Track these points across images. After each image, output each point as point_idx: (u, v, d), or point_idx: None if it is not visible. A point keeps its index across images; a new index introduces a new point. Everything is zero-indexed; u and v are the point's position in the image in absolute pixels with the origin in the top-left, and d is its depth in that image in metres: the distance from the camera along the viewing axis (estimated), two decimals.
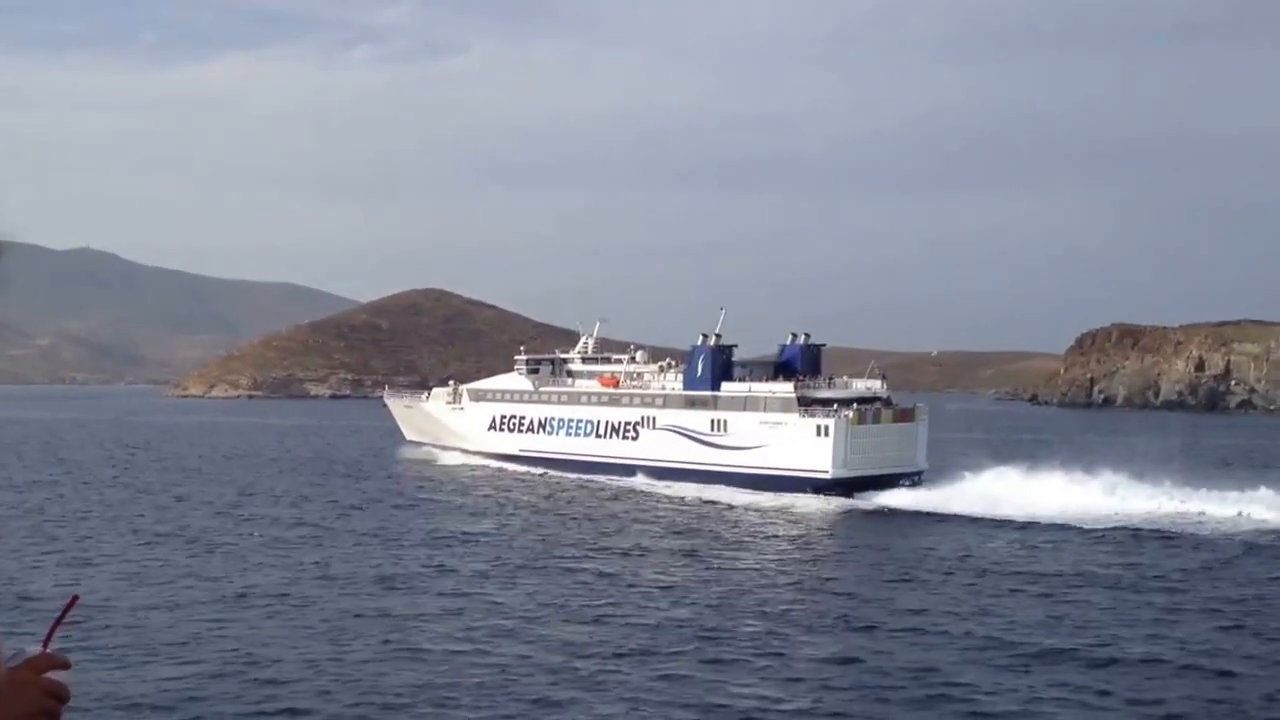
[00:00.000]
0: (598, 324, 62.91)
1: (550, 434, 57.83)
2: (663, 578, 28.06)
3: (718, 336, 53.03)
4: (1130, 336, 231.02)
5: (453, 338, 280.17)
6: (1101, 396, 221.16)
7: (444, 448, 63.98)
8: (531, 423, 58.96)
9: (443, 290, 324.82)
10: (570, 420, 56.88)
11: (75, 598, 2.20)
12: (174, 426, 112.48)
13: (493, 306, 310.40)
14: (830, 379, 52.05)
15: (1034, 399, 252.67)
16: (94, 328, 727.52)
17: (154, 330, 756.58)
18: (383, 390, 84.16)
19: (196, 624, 22.33)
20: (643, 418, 53.60)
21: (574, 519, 39.65)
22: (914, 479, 47.58)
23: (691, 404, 51.98)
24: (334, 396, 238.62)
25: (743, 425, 49.64)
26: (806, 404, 48.24)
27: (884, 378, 52.33)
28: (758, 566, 30.45)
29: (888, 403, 50.14)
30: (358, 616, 23.19)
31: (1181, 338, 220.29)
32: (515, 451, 59.30)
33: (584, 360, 60.40)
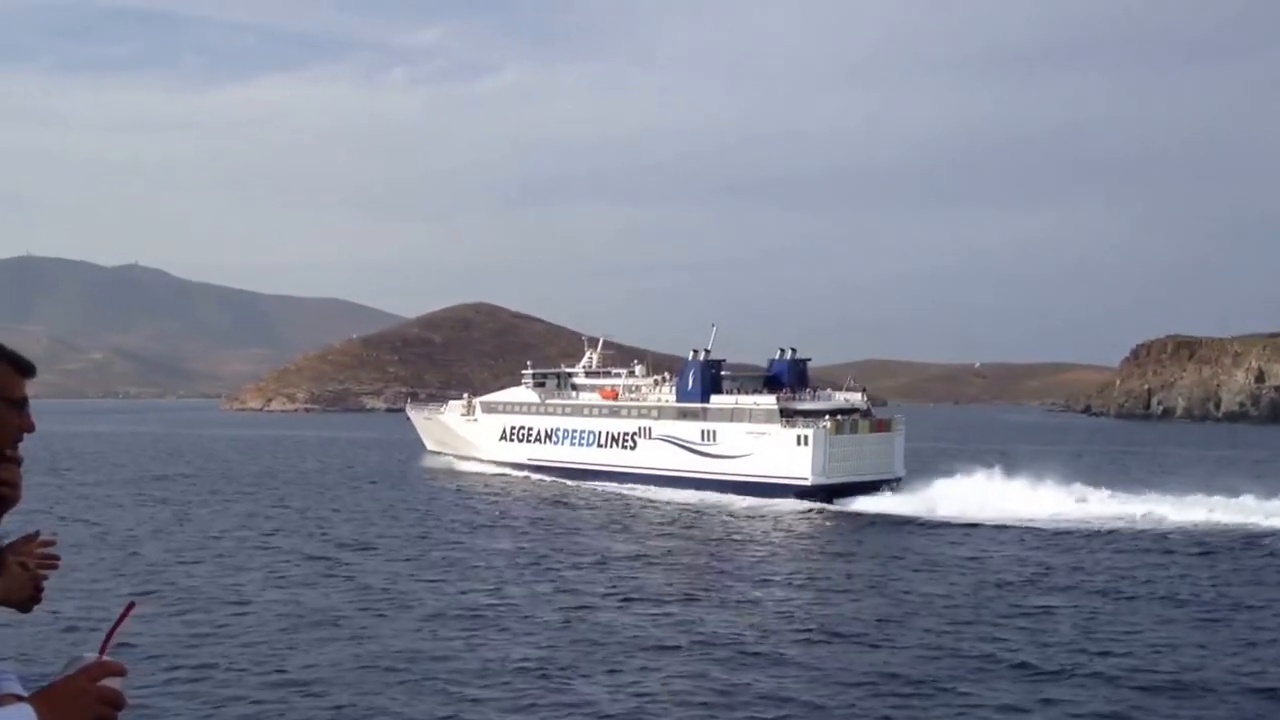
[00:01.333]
0: (601, 339, 68.22)
1: (556, 444, 62.84)
2: (853, 612, 26.01)
3: (707, 352, 57.66)
4: (1186, 348, 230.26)
5: (503, 351, 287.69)
6: (1160, 408, 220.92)
7: (460, 457, 69.26)
8: (538, 433, 64.04)
9: (493, 305, 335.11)
10: (573, 431, 61.87)
11: (132, 604, 2.17)
12: (248, 440, 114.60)
13: (541, 320, 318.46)
14: (814, 391, 56.26)
15: (1087, 410, 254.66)
16: (144, 342, 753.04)
17: (202, 345, 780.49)
18: (406, 403, 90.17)
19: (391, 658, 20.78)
20: (639, 428, 58.34)
21: (716, 540, 38.61)
22: (892, 485, 51.40)
23: (683, 415, 56.56)
24: (389, 410, 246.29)
25: (730, 435, 54.07)
26: (789, 415, 52.46)
27: (864, 390, 56.41)
28: (946, 593, 28.09)
29: (866, 414, 54.16)
30: (586, 650, 21.51)
31: (1240, 349, 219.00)
32: (524, 460, 64.38)
33: (587, 374, 65.37)
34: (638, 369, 63.34)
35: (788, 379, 56.64)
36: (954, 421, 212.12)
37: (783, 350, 58.52)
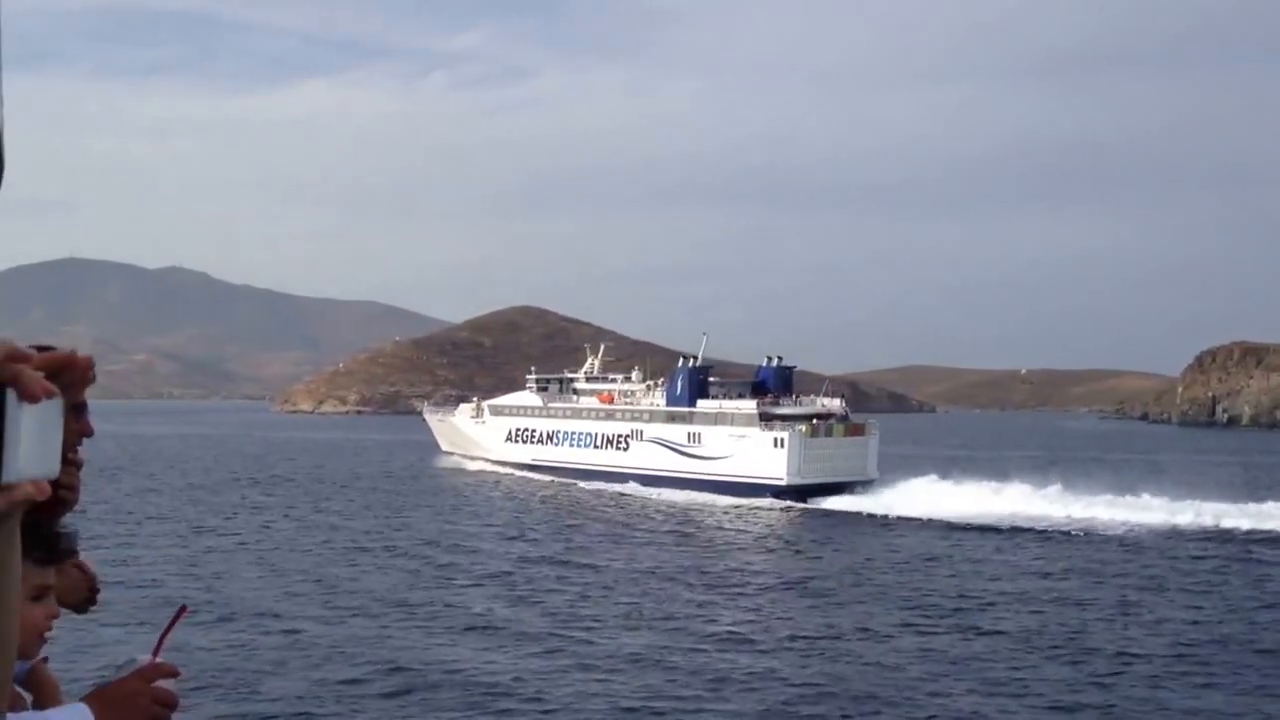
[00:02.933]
0: (602, 347, 74.34)
1: (557, 445, 68.81)
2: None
3: (694, 359, 63.32)
4: (1253, 355, 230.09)
5: (552, 355, 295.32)
6: (1225, 416, 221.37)
7: (471, 457, 75.62)
8: (541, 435, 70.09)
9: (541, 308, 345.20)
10: (573, 433, 67.84)
11: (184, 608, 2.31)
12: (322, 444, 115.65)
13: (588, 324, 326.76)
14: (797, 397, 61.51)
15: (1144, 417, 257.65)
16: (185, 344, 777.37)
17: (242, 346, 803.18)
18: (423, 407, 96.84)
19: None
20: (632, 430, 64.10)
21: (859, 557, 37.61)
22: (864, 487, 56.31)
23: (672, 418, 62.13)
24: None
25: (714, 437, 59.51)
26: (768, 419, 57.74)
27: (842, 397, 61.52)
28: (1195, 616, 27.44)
29: (842, 419, 59.21)
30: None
31: None
32: (529, 460, 70.41)
33: (588, 379, 71.39)
34: (634, 375, 69.19)
35: (773, 385, 61.92)
36: (1014, 427, 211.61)
37: (770, 358, 63.87)
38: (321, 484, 64.24)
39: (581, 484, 63.58)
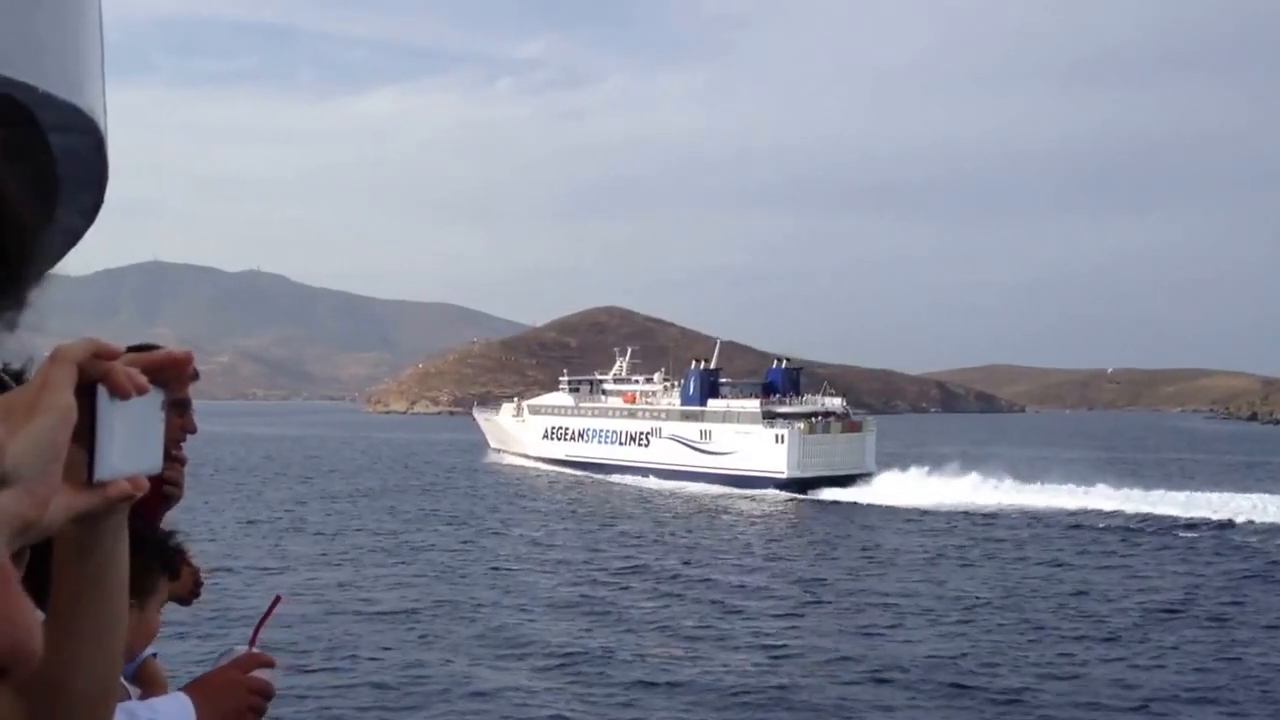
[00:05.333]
0: (629, 350, 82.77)
1: (586, 442, 77.37)
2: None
3: (705, 361, 71.32)
4: None
5: (639, 355, 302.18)
6: None
7: (514, 454, 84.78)
8: (573, 432, 78.81)
9: (626, 309, 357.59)
10: (600, 430, 76.36)
11: (279, 598, 2.47)
12: (445, 444, 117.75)
13: (673, 324, 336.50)
14: (803, 397, 68.90)
15: (1253, 417, 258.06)
16: (267, 345, 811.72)
17: (322, 348, 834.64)
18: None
19: None
20: (652, 429, 72.29)
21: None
22: (860, 479, 63.30)
23: (686, 417, 70.11)
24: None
25: (722, 434, 67.25)
26: (770, 417, 65.26)
27: (843, 396, 68.71)
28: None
29: (841, 417, 66.36)
30: None
31: None
32: (562, 456, 79.07)
33: (615, 381, 79.91)
34: (656, 376, 77.46)
35: (781, 385, 69.46)
36: (1128, 428, 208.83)
37: (779, 360, 71.51)
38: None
39: (608, 478, 71.90)
